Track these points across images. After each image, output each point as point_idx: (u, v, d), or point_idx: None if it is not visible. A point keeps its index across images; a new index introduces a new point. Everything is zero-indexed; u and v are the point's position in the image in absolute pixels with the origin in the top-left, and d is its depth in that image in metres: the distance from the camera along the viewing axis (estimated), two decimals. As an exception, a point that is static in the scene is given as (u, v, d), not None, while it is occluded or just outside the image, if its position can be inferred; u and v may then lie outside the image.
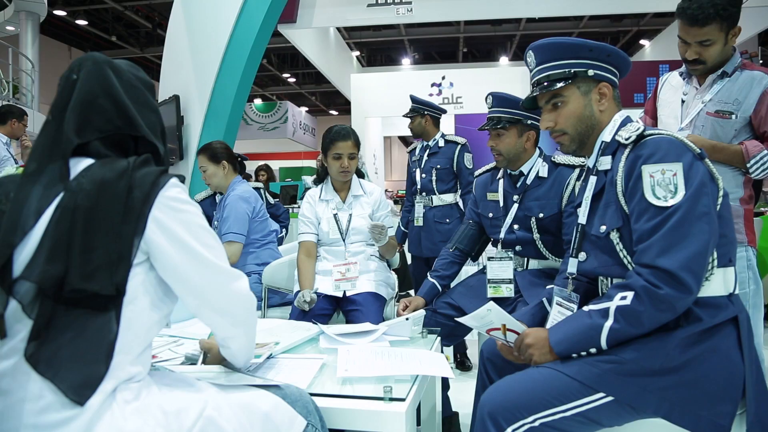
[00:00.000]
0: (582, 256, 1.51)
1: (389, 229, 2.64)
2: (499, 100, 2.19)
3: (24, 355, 0.96)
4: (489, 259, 2.21)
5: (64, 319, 0.98)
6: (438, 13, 8.31)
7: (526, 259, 2.22)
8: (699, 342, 1.25)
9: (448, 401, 2.35)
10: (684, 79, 2.11)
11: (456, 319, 1.56)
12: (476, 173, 2.46)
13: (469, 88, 10.32)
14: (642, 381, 1.24)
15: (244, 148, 15.86)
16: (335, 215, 2.58)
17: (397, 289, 2.87)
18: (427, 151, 3.61)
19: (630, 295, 1.25)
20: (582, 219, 1.50)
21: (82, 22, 13.90)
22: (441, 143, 3.58)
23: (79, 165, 1.07)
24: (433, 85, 10.53)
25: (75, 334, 0.98)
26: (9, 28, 9.90)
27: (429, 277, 2.34)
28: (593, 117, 1.48)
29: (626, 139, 1.38)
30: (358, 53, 15.48)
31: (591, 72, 1.47)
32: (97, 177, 1.03)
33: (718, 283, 1.30)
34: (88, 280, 0.98)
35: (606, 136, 1.47)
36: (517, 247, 2.21)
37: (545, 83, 1.50)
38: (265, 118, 16.24)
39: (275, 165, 14.91)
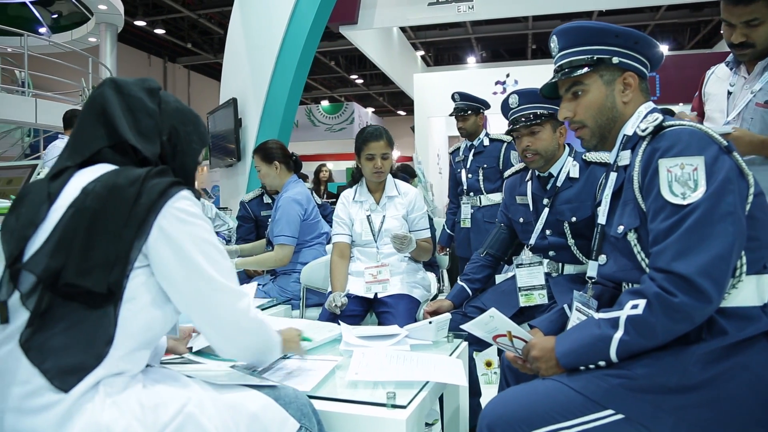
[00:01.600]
0: (602, 258, 1.40)
1: (423, 231, 2.58)
2: (527, 96, 2.09)
3: (18, 341, 1.00)
4: (517, 266, 2.10)
5: (61, 310, 1.02)
6: (501, 9, 8.13)
7: (560, 264, 2.10)
8: (724, 357, 1.12)
9: (479, 408, 2.27)
10: (731, 69, 1.93)
11: (463, 326, 1.49)
12: (505, 174, 2.36)
13: (535, 86, 9.98)
14: (656, 398, 1.13)
15: (311, 149, 16.18)
16: (368, 216, 2.55)
17: (435, 292, 2.81)
18: (473, 150, 3.52)
19: (642, 303, 1.14)
20: (601, 219, 1.40)
21: (160, 31, 14.62)
22: (486, 142, 3.49)
23: (100, 170, 1.13)
24: (497, 83, 10.29)
25: (69, 326, 1.02)
26: (91, 39, 10.58)
27: (459, 281, 2.28)
28: (615, 109, 1.37)
29: (643, 131, 1.27)
30: (422, 53, 15.40)
31: (616, 60, 1.36)
32: (110, 182, 1.09)
33: (749, 292, 1.17)
34: (82, 277, 1.02)
35: (628, 129, 1.35)
36: (551, 252, 2.10)
37: (566, 69, 1.40)
38: (332, 120, 16.47)
39: (342, 166, 15.11)
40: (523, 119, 2.09)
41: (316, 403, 1.34)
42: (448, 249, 3.80)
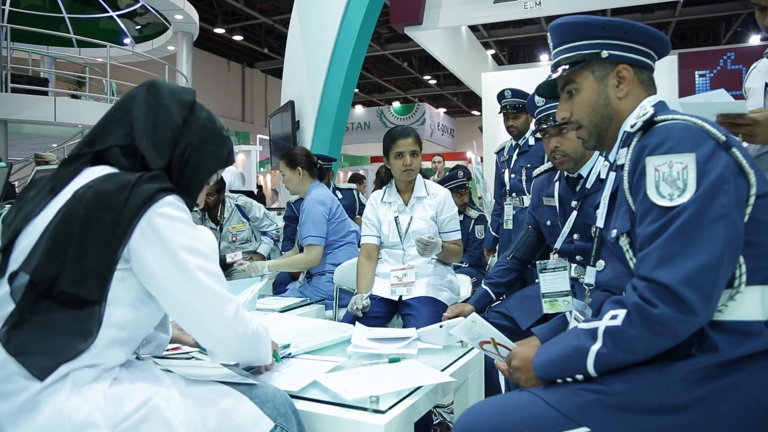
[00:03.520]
0: (600, 264, 1.31)
1: (452, 233, 2.51)
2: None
3: None
4: (541, 271, 2.01)
5: (44, 307, 1.06)
6: (569, 4, 7.83)
7: (587, 269, 1.99)
8: (715, 376, 1.02)
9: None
10: None
11: (450, 331, 1.44)
12: (534, 173, 2.26)
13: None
14: (636, 418, 1.03)
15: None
16: (396, 218, 2.52)
17: (468, 294, 2.74)
18: (517, 150, 3.41)
19: (621, 313, 1.05)
20: (599, 222, 1.31)
21: (238, 38, 15.23)
22: (531, 141, 3.36)
23: (97, 172, 1.16)
24: (568, 80, 9.95)
25: (50, 322, 1.05)
26: (170, 47, 11.22)
27: (482, 284, 2.21)
28: (609, 106, 1.28)
29: (632, 127, 1.17)
30: (493, 51, 15.14)
31: (605, 53, 1.26)
32: (100, 189, 1.10)
33: (751, 305, 1.05)
34: (77, 285, 1.06)
35: (628, 125, 1.26)
36: (578, 257, 1.99)
37: (561, 67, 1.32)
38: (403, 120, 16.53)
39: (413, 166, 15.12)
40: (551, 119, 1.99)
41: (301, 403, 1.34)
42: (493, 252, 3.70)
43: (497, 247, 3.66)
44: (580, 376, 1.10)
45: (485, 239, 3.77)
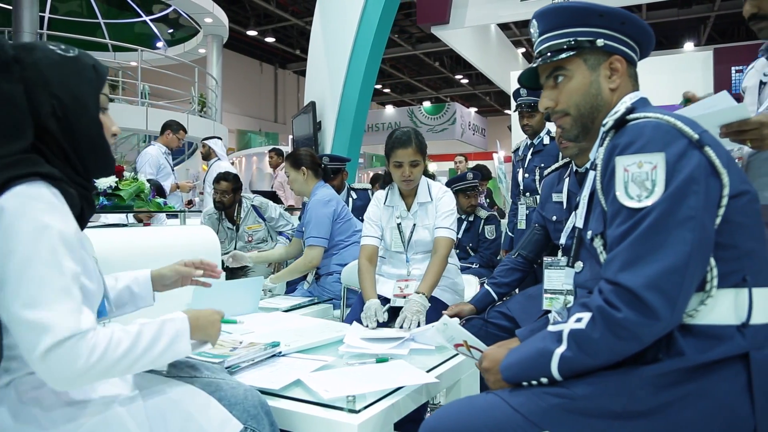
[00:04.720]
0: (578, 265, 1.28)
1: (442, 229, 2.39)
2: None
3: None
4: (546, 267, 1.98)
5: None
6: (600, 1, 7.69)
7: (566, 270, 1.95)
8: (681, 382, 0.98)
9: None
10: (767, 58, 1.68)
11: (427, 334, 1.43)
12: (545, 172, 2.23)
13: (642, 79, 9.32)
14: (598, 424, 1.01)
15: (412, 151, 16.28)
16: (399, 225, 2.44)
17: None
18: (532, 149, 3.36)
19: (586, 316, 1.02)
20: (579, 222, 1.28)
21: (270, 40, 15.42)
22: (546, 140, 3.30)
23: None
24: (599, 77, 9.75)
25: None
26: (201, 50, 11.48)
27: (485, 284, 2.18)
28: (600, 96, 1.23)
29: (604, 125, 1.14)
30: (524, 49, 14.95)
31: (600, 42, 1.22)
32: None
33: (724, 309, 1.01)
34: None
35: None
36: None
37: (547, 54, 1.27)
38: (434, 120, 16.47)
39: (445, 166, 15.07)
40: None
41: (280, 402, 1.34)
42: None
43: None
44: (545, 380, 1.08)
45: (503, 240, 3.72)
